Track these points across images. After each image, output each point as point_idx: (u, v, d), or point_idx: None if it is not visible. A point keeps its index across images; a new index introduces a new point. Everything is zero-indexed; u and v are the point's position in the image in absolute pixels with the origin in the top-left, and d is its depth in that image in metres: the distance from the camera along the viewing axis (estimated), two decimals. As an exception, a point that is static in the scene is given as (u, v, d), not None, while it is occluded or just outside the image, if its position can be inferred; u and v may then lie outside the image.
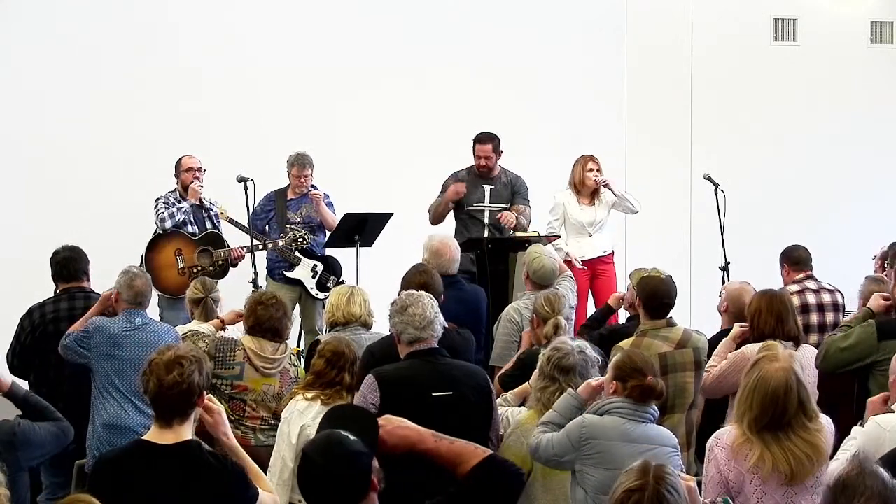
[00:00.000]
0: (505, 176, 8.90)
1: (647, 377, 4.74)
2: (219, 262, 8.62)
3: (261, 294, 6.35)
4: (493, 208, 8.79)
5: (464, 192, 8.66)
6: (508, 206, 8.84)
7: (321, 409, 5.45)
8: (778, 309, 5.85)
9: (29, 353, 6.76)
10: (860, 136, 11.38)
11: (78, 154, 9.97)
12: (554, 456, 4.72)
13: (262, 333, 6.08)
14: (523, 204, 8.87)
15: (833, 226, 11.16)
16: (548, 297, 6.39)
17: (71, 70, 10.01)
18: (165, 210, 8.61)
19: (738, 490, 4.16)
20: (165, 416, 4.03)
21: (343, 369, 5.48)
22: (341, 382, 5.46)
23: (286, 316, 6.21)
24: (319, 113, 10.38)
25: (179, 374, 3.99)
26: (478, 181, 8.83)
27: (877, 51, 11.62)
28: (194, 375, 4.03)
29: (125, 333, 6.35)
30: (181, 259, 8.59)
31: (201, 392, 4.08)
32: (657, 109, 11.20)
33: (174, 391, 3.99)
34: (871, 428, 4.45)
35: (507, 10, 10.88)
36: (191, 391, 4.02)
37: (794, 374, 4.15)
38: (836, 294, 7.36)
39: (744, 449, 4.13)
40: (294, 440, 5.43)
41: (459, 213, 8.84)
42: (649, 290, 6.04)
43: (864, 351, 5.85)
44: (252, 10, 10.47)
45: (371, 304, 6.32)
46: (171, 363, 4.01)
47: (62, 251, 6.93)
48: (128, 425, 6.21)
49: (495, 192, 8.82)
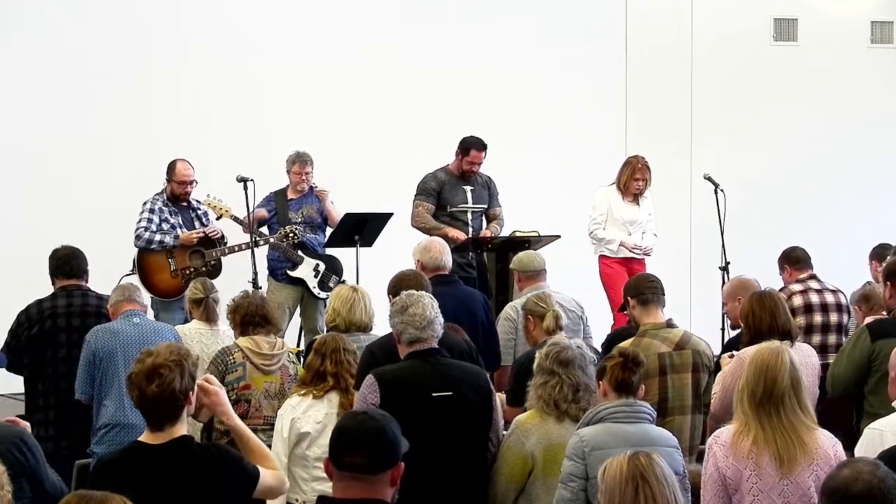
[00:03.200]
0: (480, 177, 8.99)
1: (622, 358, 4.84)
2: (211, 263, 8.62)
3: (234, 300, 6.40)
4: (475, 209, 8.92)
5: (462, 239, 8.64)
6: (487, 207, 8.98)
7: (312, 403, 5.48)
8: (770, 305, 5.84)
9: (26, 350, 6.76)
10: (860, 136, 11.38)
11: (78, 154, 9.96)
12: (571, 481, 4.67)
13: (255, 327, 6.16)
14: (497, 207, 9.06)
15: (833, 226, 11.17)
16: (537, 295, 6.50)
17: (71, 70, 9.99)
18: (145, 229, 8.55)
19: (735, 487, 4.18)
20: (154, 422, 4.07)
21: (325, 357, 5.51)
22: (326, 371, 5.48)
23: (266, 301, 6.41)
24: (320, 113, 10.38)
25: (159, 385, 3.99)
26: (458, 182, 8.89)
27: (877, 51, 11.63)
28: (175, 383, 4.02)
29: (125, 331, 6.42)
30: (173, 261, 8.58)
31: (187, 393, 4.09)
32: (657, 109, 11.20)
33: (157, 401, 4.02)
34: (868, 434, 4.49)
35: (507, 10, 10.88)
36: (174, 398, 4.03)
37: (788, 354, 4.27)
38: (839, 294, 7.38)
39: (740, 438, 4.19)
40: (286, 434, 5.49)
41: (441, 215, 8.86)
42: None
43: (862, 356, 5.88)
44: (252, 10, 10.46)
45: (372, 306, 6.33)
46: (151, 374, 4.01)
47: (63, 248, 7.00)
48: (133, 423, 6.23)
49: (476, 193, 8.93)
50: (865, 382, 5.88)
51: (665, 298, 6.13)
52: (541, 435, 5.03)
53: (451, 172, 8.91)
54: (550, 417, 5.06)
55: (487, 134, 8.95)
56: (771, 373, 4.18)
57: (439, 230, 8.65)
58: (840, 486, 3.37)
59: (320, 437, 5.42)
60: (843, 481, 3.37)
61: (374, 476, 3.52)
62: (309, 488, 5.44)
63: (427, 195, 8.86)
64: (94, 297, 6.92)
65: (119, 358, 6.34)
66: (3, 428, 4.60)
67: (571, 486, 4.66)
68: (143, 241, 8.57)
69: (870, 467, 3.40)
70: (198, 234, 8.61)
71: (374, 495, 3.53)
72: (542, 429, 5.05)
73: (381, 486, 3.54)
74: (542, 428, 5.05)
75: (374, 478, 3.53)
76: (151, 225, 8.59)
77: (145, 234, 8.56)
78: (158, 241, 8.56)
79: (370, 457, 3.52)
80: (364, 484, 3.53)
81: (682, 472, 4.65)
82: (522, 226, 9.01)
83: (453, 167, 8.91)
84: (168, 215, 8.66)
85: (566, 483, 4.68)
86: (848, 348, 6.00)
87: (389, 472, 3.54)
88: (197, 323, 6.94)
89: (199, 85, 10.24)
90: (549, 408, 5.07)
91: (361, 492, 3.53)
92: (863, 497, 3.33)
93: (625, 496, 3.57)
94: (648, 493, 3.56)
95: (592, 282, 9.32)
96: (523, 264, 7.28)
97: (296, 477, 5.49)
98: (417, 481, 4.69)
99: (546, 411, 5.07)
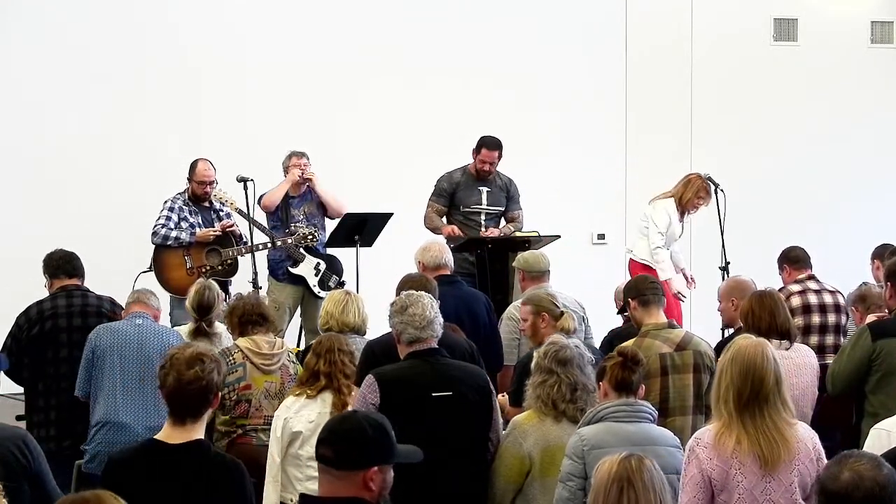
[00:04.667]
0: (499, 178, 8.93)
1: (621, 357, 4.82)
2: (227, 262, 8.64)
3: (228, 303, 6.46)
4: (490, 211, 8.85)
5: (456, 234, 8.62)
6: (503, 209, 8.89)
7: (306, 403, 5.49)
8: (770, 305, 5.85)
9: (26, 351, 6.76)
10: (860, 136, 11.39)
11: (78, 154, 9.95)
12: (569, 480, 4.68)
13: (253, 326, 6.18)
14: (517, 210, 8.95)
15: (833, 226, 11.17)
16: (548, 293, 6.44)
17: (70, 70, 9.99)
18: (163, 226, 8.60)
19: (722, 488, 4.14)
20: (180, 413, 4.07)
21: (320, 356, 5.51)
22: (320, 371, 5.48)
23: (261, 300, 6.49)
24: (320, 113, 10.38)
25: (201, 369, 4.06)
26: (474, 183, 8.85)
27: (877, 51, 11.63)
28: (213, 374, 4.10)
29: (125, 331, 6.43)
30: (189, 259, 8.61)
31: (217, 392, 4.12)
32: (657, 110, 11.20)
33: (193, 387, 4.05)
34: (874, 435, 4.48)
35: (507, 10, 10.87)
36: (209, 388, 4.08)
37: (770, 349, 4.22)
38: (838, 295, 7.37)
39: (723, 438, 4.15)
40: (279, 434, 5.49)
41: (455, 215, 8.85)
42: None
43: (862, 355, 5.88)
44: (252, 10, 10.46)
45: (366, 309, 6.33)
46: (193, 359, 4.08)
47: (59, 250, 7.03)
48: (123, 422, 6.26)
49: (491, 194, 8.86)
50: (866, 382, 5.88)
51: (665, 299, 6.15)
52: (538, 436, 5.03)
53: (469, 172, 8.88)
54: (548, 418, 5.06)
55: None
56: (758, 373, 4.14)
57: (439, 230, 8.68)
58: (840, 492, 3.29)
59: (312, 437, 5.39)
60: (845, 487, 3.28)
61: (339, 471, 3.53)
62: (303, 488, 5.42)
63: (438, 195, 8.86)
64: (94, 297, 6.93)
65: (115, 357, 6.35)
66: (5, 429, 4.60)
67: (570, 485, 4.66)
68: (159, 237, 8.62)
69: (871, 472, 3.30)
70: (215, 232, 8.63)
71: (344, 493, 3.53)
72: (539, 429, 5.05)
73: (351, 484, 3.52)
74: (539, 429, 5.05)
75: (340, 473, 3.53)
76: (169, 223, 8.63)
77: (162, 230, 8.61)
78: (175, 238, 8.60)
79: (335, 451, 3.54)
80: (332, 479, 3.55)
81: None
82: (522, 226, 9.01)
83: (471, 167, 8.89)
84: (188, 215, 8.71)
85: (565, 482, 4.68)
86: (849, 347, 6.00)
87: (361, 474, 3.52)
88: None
89: (199, 85, 10.24)
90: (547, 407, 5.06)
91: (331, 487, 3.55)
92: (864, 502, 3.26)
93: (609, 496, 3.56)
94: (632, 497, 3.55)
95: (592, 282, 9.33)
96: (529, 264, 7.24)
97: (290, 476, 5.48)
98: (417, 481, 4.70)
99: (544, 411, 5.07)
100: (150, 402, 6.21)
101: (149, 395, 6.19)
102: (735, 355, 4.20)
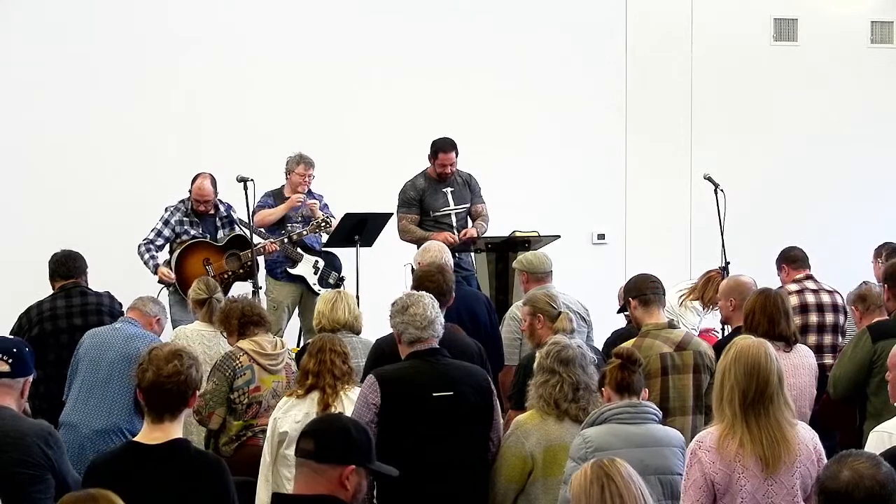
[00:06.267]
0: (459, 176, 8.93)
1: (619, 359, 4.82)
2: (247, 264, 8.63)
3: (222, 309, 6.46)
4: (459, 210, 8.87)
5: (451, 240, 8.60)
6: (469, 205, 8.90)
7: (295, 403, 5.50)
8: (770, 310, 5.84)
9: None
10: (860, 136, 11.38)
11: (77, 155, 9.96)
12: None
13: (254, 326, 6.19)
14: (480, 203, 8.95)
15: (833, 226, 11.17)
16: (546, 293, 6.42)
17: (70, 71, 9.99)
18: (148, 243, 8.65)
19: (724, 491, 4.14)
20: (158, 411, 4.09)
21: (311, 356, 5.52)
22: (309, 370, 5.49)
23: (252, 301, 6.57)
24: (320, 113, 10.38)
25: (179, 363, 4.09)
26: (436, 185, 8.84)
27: (877, 51, 11.63)
28: (191, 370, 4.13)
29: (101, 334, 6.49)
30: (210, 268, 8.57)
31: (194, 391, 4.13)
32: (657, 109, 11.20)
33: (171, 381, 4.07)
34: (875, 437, 4.49)
35: (507, 10, 10.87)
36: (187, 384, 4.10)
37: (771, 349, 4.22)
38: (836, 295, 7.38)
39: (726, 441, 4.14)
40: (269, 433, 5.49)
41: (426, 222, 8.83)
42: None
43: (863, 357, 5.89)
44: (251, 10, 10.45)
45: (358, 307, 6.34)
46: (171, 355, 4.11)
47: (61, 251, 7.08)
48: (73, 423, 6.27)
49: (456, 193, 8.87)
50: (867, 383, 5.89)
51: (665, 299, 6.14)
52: (540, 435, 5.02)
53: (430, 176, 8.87)
54: (550, 417, 5.05)
55: (487, 134, 8.97)
56: (763, 372, 4.14)
57: (424, 239, 8.64)
58: (840, 491, 3.28)
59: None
60: (845, 486, 3.28)
61: (318, 464, 3.57)
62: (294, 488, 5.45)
63: (408, 206, 8.82)
64: (94, 295, 6.95)
65: (89, 361, 6.38)
66: (32, 424, 4.63)
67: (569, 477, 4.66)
68: (139, 254, 8.71)
69: (871, 471, 3.30)
70: (169, 279, 8.57)
71: (320, 489, 3.56)
72: (541, 429, 5.04)
73: (328, 480, 3.56)
74: (541, 428, 5.04)
75: (318, 467, 3.57)
76: (158, 239, 8.68)
77: (144, 252, 8.68)
78: (148, 264, 8.68)
79: (317, 443, 3.58)
80: (309, 472, 3.58)
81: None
82: (522, 226, 8.99)
83: (430, 170, 8.88)
84: (188, 226, 8.72)
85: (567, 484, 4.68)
86: (850, 350, 6.01)
87: (339, 470, 3.56)
88: (200, 324, 6.90)
89: (199, 85, 10.23)
90: (550, 407, 5.06)
91: (307, 482, 3.58)
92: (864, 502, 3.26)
93: (591, 497, 3.55)
94: (614, 490, 3.54)
95: (591, 282, 9.33)
96: (532, 266, 7.17)
97: (282, 476, 5.49)
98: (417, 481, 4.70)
99: (546, 410, 5.06)
100: (104, 404, 6.24)
101: (107, 398, 6.23)
102: (738, 355, 4.20)
